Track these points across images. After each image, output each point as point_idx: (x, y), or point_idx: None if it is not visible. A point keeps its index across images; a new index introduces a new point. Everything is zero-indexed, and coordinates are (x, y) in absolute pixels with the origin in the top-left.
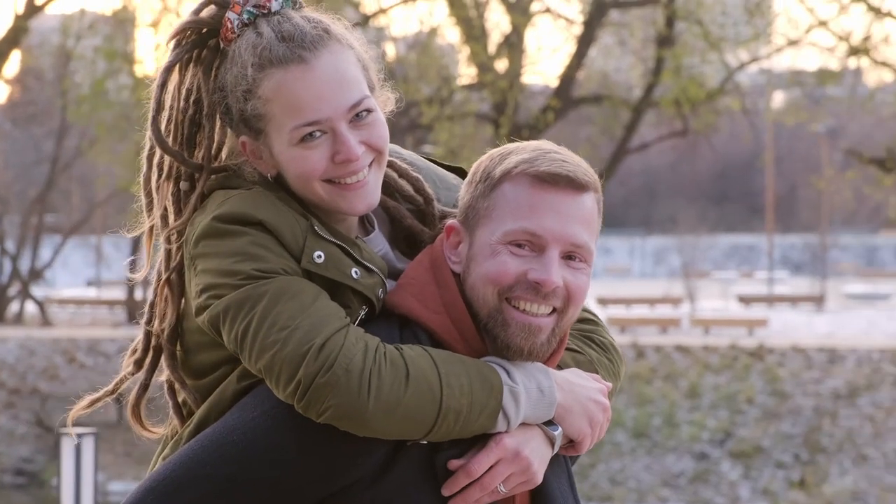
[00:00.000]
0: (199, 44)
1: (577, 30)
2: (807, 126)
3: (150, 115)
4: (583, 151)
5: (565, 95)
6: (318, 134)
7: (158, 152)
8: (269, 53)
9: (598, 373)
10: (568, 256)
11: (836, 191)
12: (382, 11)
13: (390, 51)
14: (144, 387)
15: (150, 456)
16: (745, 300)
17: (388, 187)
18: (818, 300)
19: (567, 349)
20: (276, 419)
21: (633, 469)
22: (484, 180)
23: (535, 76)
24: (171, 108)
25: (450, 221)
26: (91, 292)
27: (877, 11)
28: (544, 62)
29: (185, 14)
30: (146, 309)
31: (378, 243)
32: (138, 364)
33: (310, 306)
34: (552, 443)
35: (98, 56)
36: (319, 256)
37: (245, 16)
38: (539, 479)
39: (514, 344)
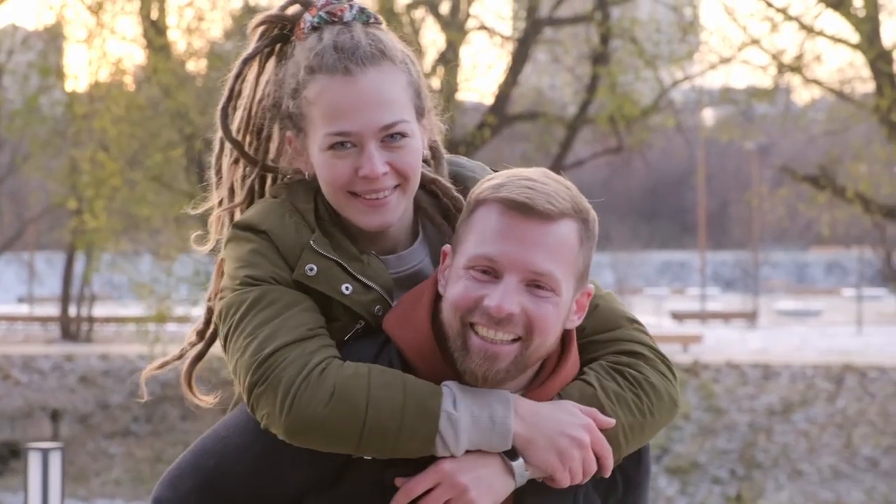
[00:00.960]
0: (280, 38)
1: (512, 47)
2: (738, 143)
3: (220, 103)
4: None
5: (500, 112)
6: (348, 145)
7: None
8: (321, 59)
9: (600, 406)
10: (534, 285)
11: (768, 209)
12: None
13: None
14: (199, 356)
15: (86, 474)
16: (678, 316)
17: (439, 204)
18: (750, 317)
19: (582, 380)
20: (249, 420)
21: None
22: (467, 205)
23: (471, 93)
24: (248, 97)
25: (445, 247)
26: (23, 309)
27: (809, 30)
28: (479, 79)
29: (267, 10)
30: (212, 283)
31: (414, 258)
32: (200, 335)
33: (276, 317)
34: (512, 473)
35: (32, 71)
36: (311, 269)
37: (316, 20)
38: None
39: (470, 369)
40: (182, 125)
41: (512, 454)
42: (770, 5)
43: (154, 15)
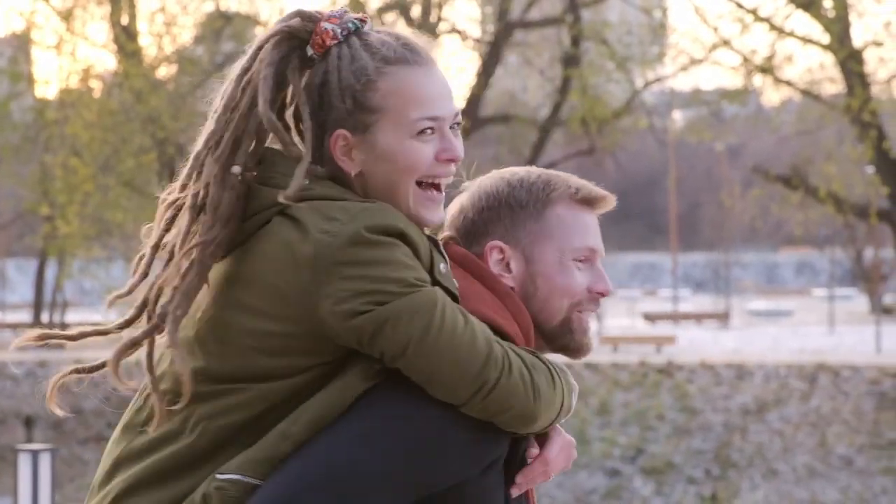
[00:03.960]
0: (293, 49)
1: (483, 50)
2: (708, 145)
3: (267, 97)
4: (490, 171)
5: (472, 115)
6: (430, 131)
7: (217, 135)
8: (396, 53)
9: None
10: None
11: (741, 210)
12: None
13: None
14: (133, 343)
15: (60, 480)
16: (651, 318)
17: None
18: (723, 317)
19: None
20: (396, 419)
21: (546, 486)
22: (529, 204)
23: None
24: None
25: (492, 242)
26: None
27: (779, 31)
28: (451, 82)
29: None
30: (156, 277)
31: None
32: (128, 322)
33: (465, 314)
34: None
35: (2, 77)
36: (445, 268)
37: (350, 25)
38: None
39: (585, 344)
40: (154, 130)
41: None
42: (740, 6)
43: (125, 20)
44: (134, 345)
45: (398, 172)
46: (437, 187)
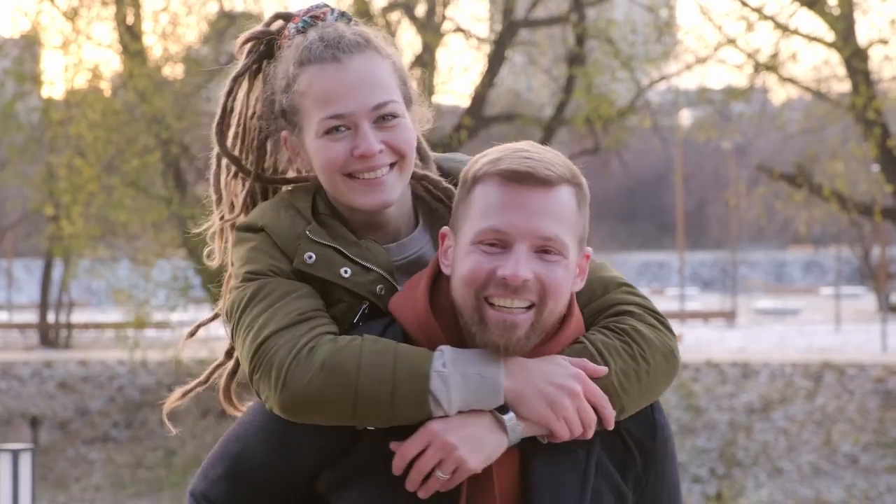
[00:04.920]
0: (267, 55)
1: (488, 49)
2: (715, 143)
3: (215, 121)
4: None
5: (477, 114)
6: (342, 129)
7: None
8: (309, 53)
9: (591, 357)
10: (542, 250)
11: (746, 207)
12: None
13: None
14: (233, 372)
15: (65, 480)
16: None
17: (432, 197)
18: (729, 316)
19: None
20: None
21: None
22: (463, 184)
23: (447, 95)
24: (240, 114)
25: (443, 229)
26: (2, 316)
27: (784, 29)
28: (456, 81)
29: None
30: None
31: (415, 245)
32: (228, 354)
33: (271, 306)
34: (504, 429)
35: (7, 78)
36: (310, 257)
37: (300, 24)
38: (471, 465)
39: (492, 341)
40: (158, 130)
41: (503, 410)
42: (745, 4)
43: (129, 20)
44: (234, 373)
45: (320, 170)
46: (365, 180)
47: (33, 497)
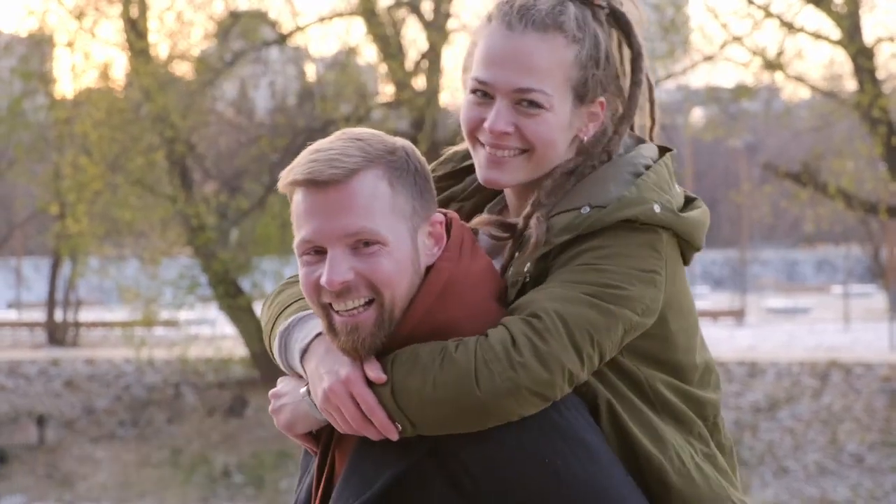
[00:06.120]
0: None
1: None
2: (725, 141)
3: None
4: None
5: None
6: (484, 94)
7: None
8: (497, 10)
9: (384, 363)
10: (357, 245)
11: (755, 206)
12: (300, 29)
13: (309, 70)
14: None
15: (71, 478)
16: None
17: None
18: (738, 314)
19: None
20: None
21: None
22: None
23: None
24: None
25: None
26: (11, 314)
27: (790, 27)
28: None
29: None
30: None
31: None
32: None
33: None
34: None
35: (14, 77)
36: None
37: None
38: (281, 425)
39: (343, 349)
40: (163, 128)
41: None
42: (751, 2)
43: (133, 14)
44: None
45: (461, 123)
46: (489, 153)
47: None
